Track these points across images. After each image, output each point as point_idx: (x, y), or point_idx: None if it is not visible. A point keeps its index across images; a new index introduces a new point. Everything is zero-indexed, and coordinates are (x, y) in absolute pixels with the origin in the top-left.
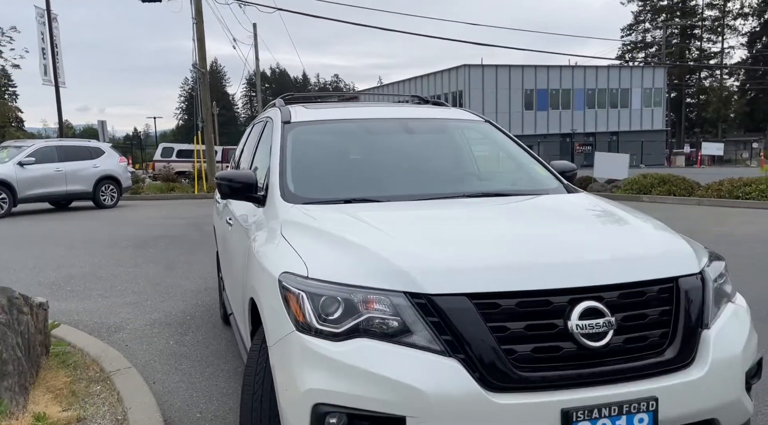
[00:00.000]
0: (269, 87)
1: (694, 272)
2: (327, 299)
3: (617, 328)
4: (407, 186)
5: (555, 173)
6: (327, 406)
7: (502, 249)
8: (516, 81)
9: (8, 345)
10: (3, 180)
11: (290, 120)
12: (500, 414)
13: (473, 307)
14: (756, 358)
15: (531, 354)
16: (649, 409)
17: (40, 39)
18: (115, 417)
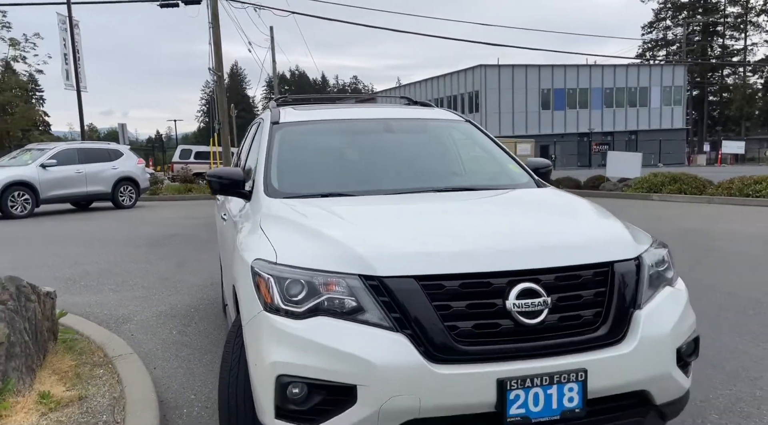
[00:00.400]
0: (289, 89)
1: (629, 257)
2: (291, 282)
3: (552, 307)
4: (382, 182)
5: (527, 170)
6: (289, 377)
7: (451, 237)
8: (532, 81)
9: (16, 329)
10: (26, 182)
11: (278, 121)
12: (441, 383)
13: (419, 288)
14: (689, 337)
15: (471, 330)
16: (578, 380)
17: (62, 45)
18: (113, 396)
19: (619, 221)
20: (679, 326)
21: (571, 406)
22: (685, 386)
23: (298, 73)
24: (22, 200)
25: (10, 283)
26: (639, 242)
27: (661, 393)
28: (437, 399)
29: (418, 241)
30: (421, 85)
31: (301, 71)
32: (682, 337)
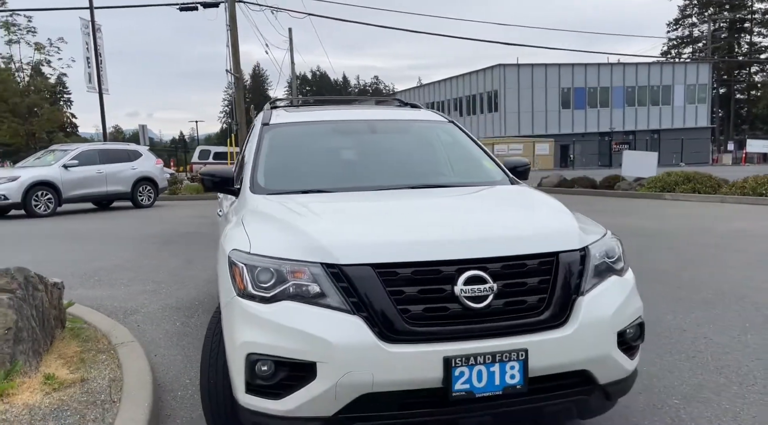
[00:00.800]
0: (310, 90)
1: (574, 248)
2: (261, 270)
3: (498, 293)
4: (361, 179)
5: (503, 168)
6: (257, 356)
7: (407, 228)
8: (552, 80)
9: (23, 315)
10: (49, 181)
11: (269, 122)
12: (392, 360)
13: (375, 275)
14: (633, 322)
15: (422, 313)
16: (519, 359)
17: (85, 49)
18: (112, 378)
19: (571, 215)
20: (620, 312)
21: (513, 383)
22: (628, 368)
23: (319, 73)
24: (46, 200)
25: (18, 273)
26: (587, 234)
27: (603, 373)
28: (389, 375)
29: (376, 232)
30: (441, 85)
31: (322, 72)
32: (624, 322)
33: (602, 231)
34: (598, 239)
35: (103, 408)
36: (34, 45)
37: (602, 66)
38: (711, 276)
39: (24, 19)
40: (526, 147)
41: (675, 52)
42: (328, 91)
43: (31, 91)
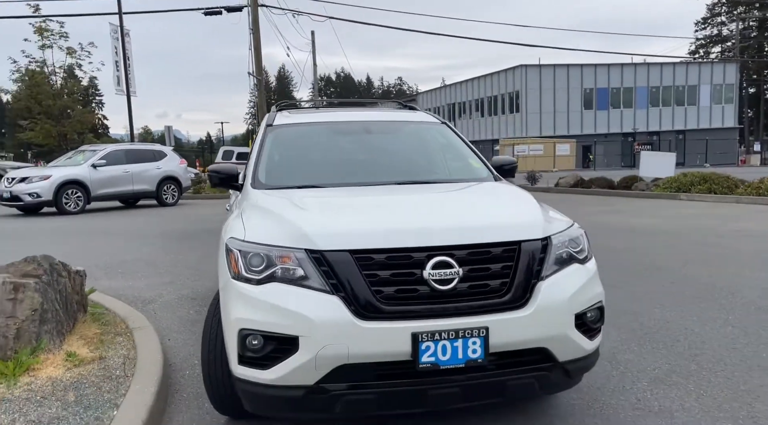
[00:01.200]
0: (334, 91)
1: (536, 238)
2: (253, 256)
3: (463, 277)
4: (352, 176)
5: (489, 167)
6: (248, 331)
7: (384, 219)
8: (575, 80)
9: (48, 298)
10: (78, 180)
11: (272, 124)
12: (365, 335)
13: (352, 259)
14: (591, 306)
15: (394, 294)
16: (481, 335)
17: (113, 53)
18: (127, 357)
19: (538, 209)
20: (578, 296)
21: (475, 357)
22: (587, 348)
23: (344, 75)
24: (75, 198)
25: (44, 260)
26: (552, 226)
27: (561, 351)
28: (362, 348)
29: (355, 222)
30: (462, 85)
31: (346, 73)
32: (583, 305)
33: (568, 224)
34: (561, 230)
35: (117, 382)
36: (66, 49)
37: (625, 66)
38: (706, 273)
39: (57, 24)
40: (547, 148)
41: (703, 52)
42: (352, 93)
43: (64, 94)
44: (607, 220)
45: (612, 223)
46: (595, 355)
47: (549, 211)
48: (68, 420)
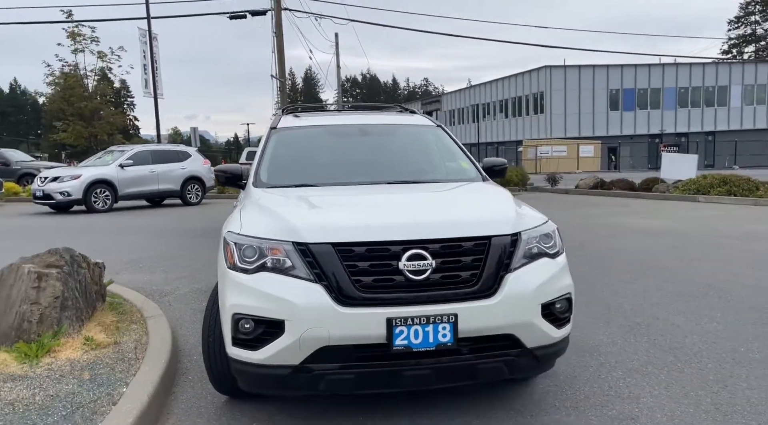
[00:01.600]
0: (360, 92)
1: (506, 233)
2: (247, 248)
3: (436, 268)
4: (346, 175)
5: (478, 168)
6: (240, 315)
7: (366, 215)
8: (600, 81)
9: (69, 287)
10: (107, 180)
11: (276, 126)
12: (345, 320)
13: (334, 252)
14: (559, 297)
15: (372, 283)
16: (450, 321)
17: (141, 56)
18: (140, 342)
19: (513, 208)
20: (545, 287)
21: (444, 341)
22: (554, 335)
23: (370, 76)
24: (103, 196)
25: (65, 252)
26: (523, 223)
27: (528, 338)
28: (341, 332)
29: (339, 218)
30: (486, 86)
31: (372, 75)
32: (549, 296)
33: (541, 221)
34: (533, 226)
35: (129, 364)
36: (96, 53)
37: (653, 67)
38: (705, 273)
39: (88, 29)
40: (570, 149)
41: (736, 51)
42: (378, 94)
43: (97, 96)
44: (619, 221)
45: (623, 224)
46: (564, 343)
47: (524, 209)
48: (82, 395)
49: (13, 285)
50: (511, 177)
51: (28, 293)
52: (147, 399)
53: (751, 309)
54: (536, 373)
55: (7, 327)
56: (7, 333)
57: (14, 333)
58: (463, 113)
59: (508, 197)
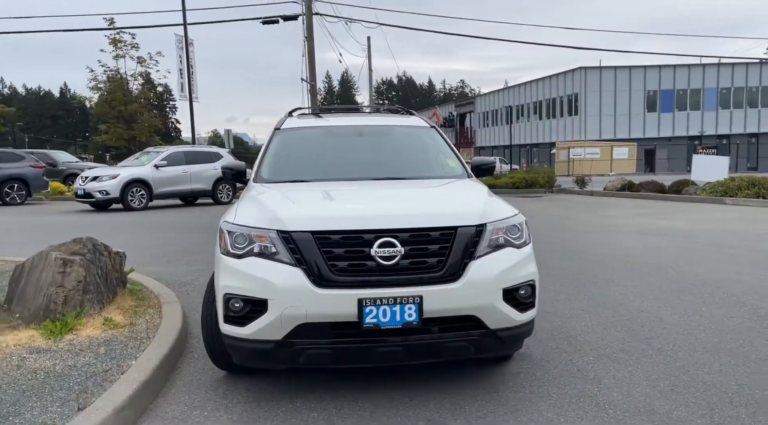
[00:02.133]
0: (396, 94)
1: (471, 224)
2: (238, 235)
3: (404, 255)
4: (337, 172)
5: (465, 166)
6: (231, 295)
7: (344, 207)
8: (637, 82)
9: (91, 273)
10: (142, 179)
11: (280, 127)
12: (320, 300)
13: (313, 239)
14: (521, 283)
15: (345, 267)
16: (415, 302)
17: (178, 61)
18: (153, 324)
19: (482, 201)
20: (507, 274)
21: (410, 320)
22: (516, 319)
23: (405, 78)
24: (139, 195)
25: (88, 241)
26: (491, 215)
27: (491, 320)
28: (317, 310)
29: (319, 209)
30: (521, 88)
31: (408, 77)
32: (511, 282)
33: (510, 214)
34: (500, 219)
35: (140, 341)
36: (136, 59)
37: (693, 67)
38: (704, 271)
39: (129, 36)
40: (604, 151)
41: None
42: (413, 96)
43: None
44: (633, 222)
45: (636, 224)
46: (528, 326)
47: (497, 203)
48: (96, 366)
49: (42, 271)
50: (536, 179)
51: (55, 278)
52: (152, 370)
53: (739, 304)
54: (501, 353)
55: (36, 308)
56: (36, 313)
57: (42, 312)
58: (497, 115)
59: (482, 192)
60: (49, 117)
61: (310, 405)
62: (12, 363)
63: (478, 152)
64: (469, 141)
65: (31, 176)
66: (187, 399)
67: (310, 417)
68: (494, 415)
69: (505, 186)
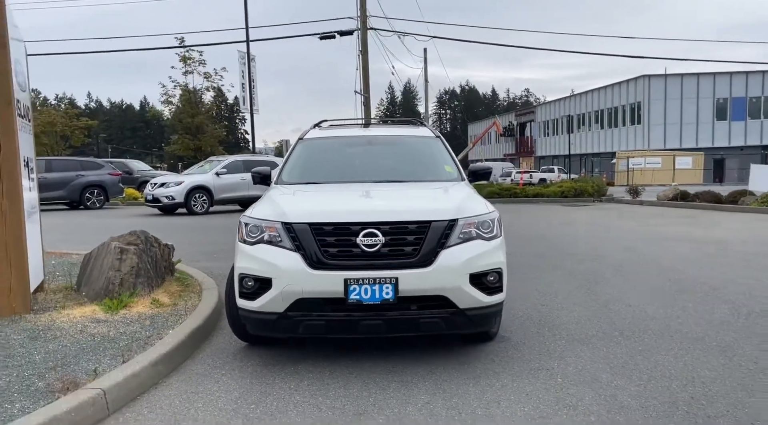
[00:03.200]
0: (458, 104)
1: (444, 219)
2: (252, 226)
3: (385, 243)
4: (344, 175)
5: (461, 172)
6: (244, 275)
7: (338, 203)
8: (706, 90)
9: (143, 260)
10: (204, 186)
11: (303, 137)
12: (314, 279)
13: (309, 229)
14: (488, 270)
15: (335, 253)
16: (392, 283)
17: (240, 76)
18: (192, 305)
19: (458, 201)
20: (473, 261)
21: (388, 297)
22: (482, 300)
23: (468, 88)
24: (201, 200)
25: (141, 234)
26: (464, 212)
27: (459, 300)
28: (311, 288)
29: (317, 205)
30: (582, 97)
31: (471, 86)
32: (477, 269)
33: (484, 212)
34: (472, 215)
35: (179, 317)
36: (203, 74)
37: (767, 74)
38: (710, 275)
39: (197, 53)
40: (666, 161)
41: None
42: (476, 105)
43: (204, 113)
44: (671, 230)
45: (672, 233)
46: (495, 307)
47: (476, 203)
48: (141, 333)
49: (104, 258)
50: (585, 188)
51: (113, 263)
52: (184, 336)
53: (726, 303)
54: (471, 330)
55: (98, 288)
56: (99, 292)
57: (103, 292)
58: (558, 124)
59: (463, 193)
60: (129, 128)
61: (308, 368)
62: (77, 329)
63: (538, 162)
64: (529, 150)
65: (109, 182)
66: (211, 361)
67: (306, 377)
68: (459, 380)
69: (553, 195)
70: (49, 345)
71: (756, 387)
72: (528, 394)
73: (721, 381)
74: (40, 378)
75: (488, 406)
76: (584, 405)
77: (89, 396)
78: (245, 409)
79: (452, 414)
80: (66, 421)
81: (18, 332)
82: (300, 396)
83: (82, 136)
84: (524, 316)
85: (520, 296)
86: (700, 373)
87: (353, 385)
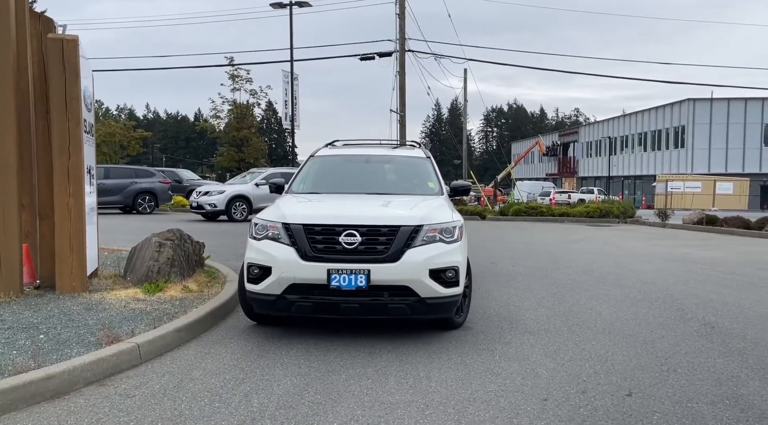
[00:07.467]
0: (506, 122)
1: (411, 224)
2: (260, 226)
3: (361, 242)
4: (342, 187)
5: (443, 188)
6: (251, 263)
7: (327, 209)
8: (753, 115)
9: (177, 254)
10: (244, 195)
11: (314, 155)
12: (304, 268)
13: (302, 229)
14: (445, 267)
15: (322, 248)
16: (365, 273)
17: (283, 93)
18: (215, 292)
19: (425, 211)
20: (432, 259)
21: (361, 285)
22: (440, 292)
23: (516, 106)
24: (241, 209)
25: (177, 231)
26: (429, 220)
27: (421, 290)
28: (302, 275)
29: (310, 211)
30: (625, 119)
31: (519, 104)
32: (436, 265)
33: (447, 221)
34: (436, 222)
35: (203, 300)
36: (249, 91)
37: None
38: (687, 292)
39: (244, 71)
40: (706, 185)
41: None
42: (524, 124)
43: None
44: (674, 251)
45: (672, 254)
46: (452, 298)
47: (442, 213)
48: (170, 310)
49: (146, 250)
50: (611, 209)
51: (153, 254)
52: (203, 314)
53: (676, 310)
54: (433, 315)
55: (141, 275)
56: (141, 278)
57: (144, 278)
58: (600, 145)
59: (436, 205)
60: (183, 139)
61: (299, 341)
62: (121, 304)
63: (580, 182)
64: (572, 170)
65: (159, 190)
66: (223, 334)
67: (295, 347)
68: (416, 354)
69: (578, 215)
70: (99, 314)
71: (653, 369)
72: (466, 365)
73: (626, 363)
74: (92, 334)
75: (430, 371)
76: (506, 373)
77: (127, 347)
78: (243, 364)
79: (401, 374)
80: (110, 362)
81: (76, 304)
82: (287, 358)
83: (138, 146)
84: (493, 313)
85: (498, 298)
86: (613, 357)
87: (331, 353)
